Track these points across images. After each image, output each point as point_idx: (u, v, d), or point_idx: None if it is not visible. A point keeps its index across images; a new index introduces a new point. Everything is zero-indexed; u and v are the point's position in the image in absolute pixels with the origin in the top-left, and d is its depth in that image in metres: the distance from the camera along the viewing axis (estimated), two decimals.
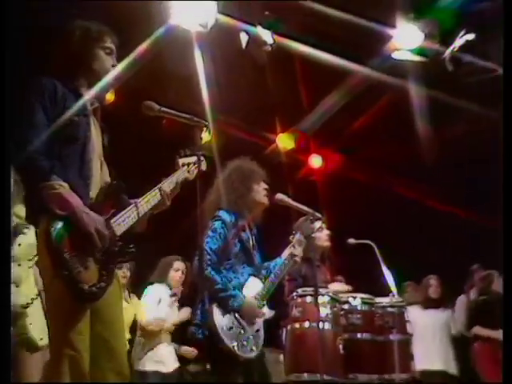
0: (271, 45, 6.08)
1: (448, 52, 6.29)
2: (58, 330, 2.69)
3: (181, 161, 3.16)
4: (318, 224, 4.36)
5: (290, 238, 4.28)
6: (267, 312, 3.93)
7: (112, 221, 2.79)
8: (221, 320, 3.61)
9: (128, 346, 4.64)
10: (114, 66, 3.01)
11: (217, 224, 3.75)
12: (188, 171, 3.18)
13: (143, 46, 5.29)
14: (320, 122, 7.69)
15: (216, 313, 3.61)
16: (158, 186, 3.01)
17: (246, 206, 3.93)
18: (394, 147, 7.75)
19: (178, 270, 5.63)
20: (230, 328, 3.60)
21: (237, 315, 3.66)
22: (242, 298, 3.71)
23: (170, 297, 5.49)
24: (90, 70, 2.95)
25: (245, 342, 3.66)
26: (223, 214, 3.81)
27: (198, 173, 3.07)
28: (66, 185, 2.65)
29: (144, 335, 5.32)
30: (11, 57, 3.13)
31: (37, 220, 2.70)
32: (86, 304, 2.68)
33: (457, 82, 6.44)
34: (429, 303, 6.53)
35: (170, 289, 5.58)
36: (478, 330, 6.22)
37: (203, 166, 3.10)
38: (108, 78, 2.97)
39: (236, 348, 3.58)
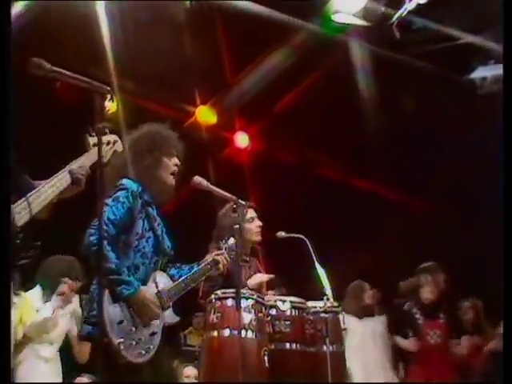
0: (191, 0, 6.04)
1: (396, 16, 6.11)
2: None
3: (91, 140, 3.05)
4: (249, 214, 4.29)
5: (222, 243, 4.02)
6: (171, 316, 3.60)
7: (12, 207, 2.69)
8: (110, 309, 3.36)
9: None
10: None
11: (120, 193, 3.51)
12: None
13: None
14: (247, 95, 7.48)
15: (106, 300, 3.35)
16: (67, 167, 2.91)
17: (149, 180, 3.65)
18: (330, 125, 7.54)
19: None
20: (121, 322, 3.34)
21: (130, 308, 3.40)
22: (137, 286, 3.39)
23: None
24: None
25: (133, 343, 3.35)
26: (128, 183, 3.56)
27: (113, 154, 3.12)
28: None
29: None
30: None
31: None
32: None
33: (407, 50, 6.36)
34: (365, 311, 6.32)
35: None
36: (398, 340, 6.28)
37: (119, 147, 3.16)
38: None
39: (122, 346, 3.29)
